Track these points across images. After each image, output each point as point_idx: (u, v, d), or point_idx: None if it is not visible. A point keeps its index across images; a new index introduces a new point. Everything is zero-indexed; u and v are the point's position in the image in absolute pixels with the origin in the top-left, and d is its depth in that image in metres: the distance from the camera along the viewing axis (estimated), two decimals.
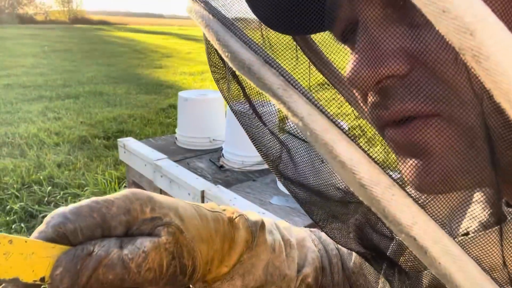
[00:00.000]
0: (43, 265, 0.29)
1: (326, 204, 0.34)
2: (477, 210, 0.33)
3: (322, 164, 0.31)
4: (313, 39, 0.38)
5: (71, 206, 0.31)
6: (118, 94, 6.63)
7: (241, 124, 0.34)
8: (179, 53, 13.45)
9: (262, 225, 0.44)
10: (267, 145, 0.34)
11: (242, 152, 2.09)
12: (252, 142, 0.35)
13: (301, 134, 0.30)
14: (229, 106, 0.34)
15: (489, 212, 0.32)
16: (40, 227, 0.30)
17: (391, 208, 0.20)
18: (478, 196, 0.34)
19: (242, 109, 0.34)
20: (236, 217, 0.42)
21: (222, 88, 0.35)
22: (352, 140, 0.21)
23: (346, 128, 0.22)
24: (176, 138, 2.50)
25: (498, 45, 0.17)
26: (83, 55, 11.48)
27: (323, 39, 0.32)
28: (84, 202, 0.31)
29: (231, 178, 1.97)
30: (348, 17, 0.28)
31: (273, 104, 0.26)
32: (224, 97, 0.35)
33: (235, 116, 0.34)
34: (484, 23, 0.17)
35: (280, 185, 2.00)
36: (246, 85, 0.33)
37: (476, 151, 0.24)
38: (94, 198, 0.32)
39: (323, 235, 0.57)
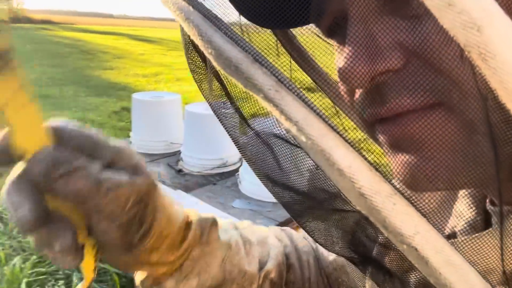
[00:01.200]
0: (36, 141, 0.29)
1: (312, 209, 0.33)
2: (463, 209, 0.32)
3: (316, 170, 0.30)
4: (294, 34, 0.36)
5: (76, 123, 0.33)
6: (65, 97, 6.28)
7: (224, 126, 0.32)
8: (131, 54, 13.01)
9: (213, 223, 0.44)
10: (252, 148, 0.32)
11: (201, 155, 2.05)
12: (235, 144, 0.33)
13: (293, 139, 0.28)
14: (212, 109, 0.32)
15: (475, 212, 0.32)
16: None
17: (392, 219, 0.19)
18: (461, 193, 0.33)
19: (225, 111, 0.32)
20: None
21: (205, 89, 0.33)
22: (352, 145, 0.19)
23: (345, 132, 0.20)
24: (130, 142, 2.41)
25: (506, 42, 0.16)
26: (25, 56, 10.77)
27: (305, 33, 0.31)
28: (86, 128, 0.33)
29: (191, 183, 1.92)
30: (337, 9, 0.26)
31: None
32: (206, 98, 0.33)
33: (218, 118, 0.32)
34: (492, 18, 0.16)
35: (242, 188, 1.98)
36: (230, 86, 0.31)
37: (475, 147, 0.23)
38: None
39: (294, 233, 0.57)
